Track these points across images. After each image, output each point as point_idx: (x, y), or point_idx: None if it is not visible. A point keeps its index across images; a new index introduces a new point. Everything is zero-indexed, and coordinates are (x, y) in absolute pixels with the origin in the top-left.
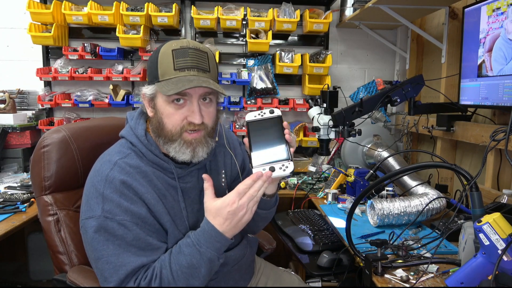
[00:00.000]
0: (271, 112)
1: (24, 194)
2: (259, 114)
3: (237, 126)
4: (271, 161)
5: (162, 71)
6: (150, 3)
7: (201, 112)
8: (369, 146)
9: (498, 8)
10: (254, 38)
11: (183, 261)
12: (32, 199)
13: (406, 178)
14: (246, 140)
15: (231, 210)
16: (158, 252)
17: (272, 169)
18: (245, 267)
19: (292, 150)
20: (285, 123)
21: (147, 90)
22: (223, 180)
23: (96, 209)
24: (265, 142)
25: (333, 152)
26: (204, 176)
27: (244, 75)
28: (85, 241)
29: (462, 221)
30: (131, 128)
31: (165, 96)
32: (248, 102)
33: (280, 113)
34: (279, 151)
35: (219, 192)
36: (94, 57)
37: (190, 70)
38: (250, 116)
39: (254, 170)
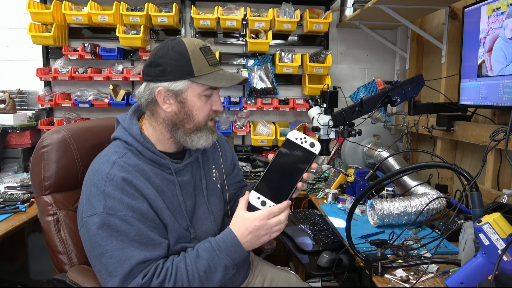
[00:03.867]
0: (312, 145)
1: (24, 194)
2: (301, 139)
3: (237, 126)
4: (269, 195)
5: (198, 67)
6: (150, 3)
7: None
8: (369, 146)
9: (498, 8)
10: (254, 38)
11: (201, 265)
12: (32, 199)
13: (406, 178)
14: (271, 155)
15: (258, 225)
16: (160, 248)
17: (263, 204)
18: None
19: (294, 195)
20: (314, 165)
21: (175, 85)
22: (214, 175)
23: (98, 206)
24: (284, 172)
25: (333, 152)
26: (247, 191)
27: (244, 75)
28: (86, 239)
29: (462, 221)
30: (124, 128)
31: (199, 89)
32: (248, 102)
33: (317, 152)
34: (282, 193)
35: (211, 187)
36: (94, 57)
37: (218, 65)
38: (292, 136)
39: (252, 192)
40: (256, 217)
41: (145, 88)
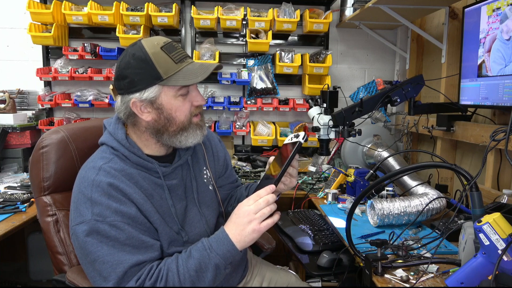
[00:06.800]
0: (296, 136)
1: (24, 194)
2: (291, 138)
3: (237, 126)
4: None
5: (164, 69)
6: (150, 3)
7: None
8: (369, 146)
9: (498, 8)
10: (254, 38)
11: (191, 264)
12: (32, 199)
13: (406, 178)
14: (272, 158)
15: (238, 213)
16: (153, 249)
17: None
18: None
19: (287, 184)
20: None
21: (147, 94)
22: (205, 176)
23: (86, 213)
24: (275, 167)
25: (333, 152)
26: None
27: (244, 75)
28: (77, 246)
29: (462, 221)
30: (110, 134)
31: (172, 91)
32: (248, 102)
33: (301, 139)
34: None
35: (202, 189)
36: (94, 57)
37: (186, 59)
38: (287, 138)
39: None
40: (239, 206)
41: (121, 102)
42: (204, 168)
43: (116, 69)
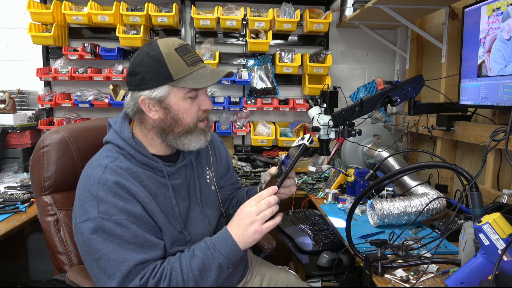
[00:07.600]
0: (302, 138)
1: (24, 194)
2: (298, 141)
3: (237, 126)
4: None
5: (175, 70)
6: (150, 3)
7: None
8: (369, 146)
9: (498, 8)
10: (254, 38)
11: (195, 264)
12: (32, 199)
13: (406, 178)
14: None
15: (240, 214)
16: (157, 248)
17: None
18: None
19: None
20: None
21: (156, 92)
22: (208, 177)
23: (91, 211)
24: (280, 170)
25: (333, 152)
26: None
27: (244, 75)
28: (81, 244)
29: (462, 221)
30: (116, 132)
31: (181, 93)
32: (248, 102)
33: (306, 141)
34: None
35: (204, 189)
36: (94, 57)
37: (199, 63)
38: (295, 143)
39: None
40: (241, 207)
41: (130, 98)
42: (207, 168)
43: (129, 65)
